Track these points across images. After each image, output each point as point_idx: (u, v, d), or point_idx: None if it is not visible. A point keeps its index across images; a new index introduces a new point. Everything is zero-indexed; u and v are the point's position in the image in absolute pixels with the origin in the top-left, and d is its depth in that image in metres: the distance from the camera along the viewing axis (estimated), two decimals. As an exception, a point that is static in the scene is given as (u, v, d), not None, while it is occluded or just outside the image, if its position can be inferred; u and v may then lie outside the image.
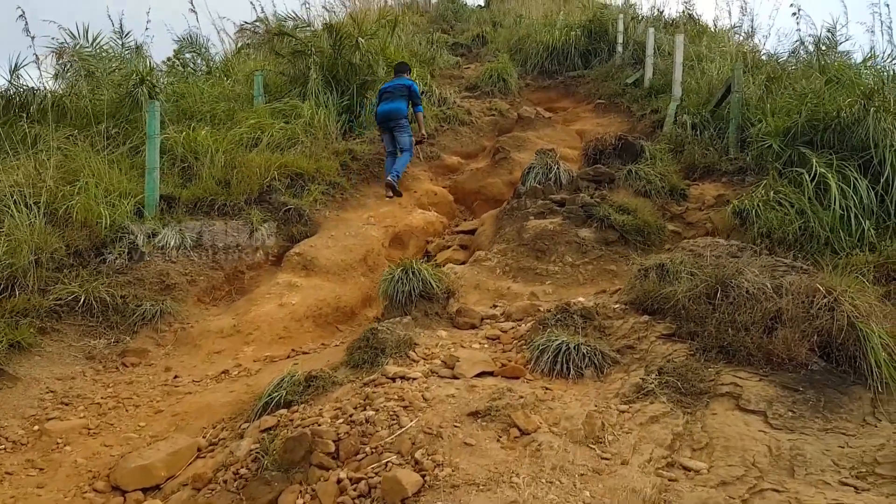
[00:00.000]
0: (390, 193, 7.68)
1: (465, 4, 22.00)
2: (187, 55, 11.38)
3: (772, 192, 5.72)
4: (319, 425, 3.03)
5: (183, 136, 7.17)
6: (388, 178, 7.62)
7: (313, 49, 8.96)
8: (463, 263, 6.50)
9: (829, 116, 6.09)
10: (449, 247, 7.19)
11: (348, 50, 9.08)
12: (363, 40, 9.09)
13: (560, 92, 14.27)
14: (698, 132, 8.39)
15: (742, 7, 11.97)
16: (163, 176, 6.89)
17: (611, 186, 6.92)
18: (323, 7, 13.97)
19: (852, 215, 5.45)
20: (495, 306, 5.16)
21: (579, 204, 6.34)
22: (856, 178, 5.60)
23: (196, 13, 9.90)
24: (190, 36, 10.84)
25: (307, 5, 10.66)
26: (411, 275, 4.65)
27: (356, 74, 9.39)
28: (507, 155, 8.99)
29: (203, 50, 11.38)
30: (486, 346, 4.20)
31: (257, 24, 11.86)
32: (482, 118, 11.04)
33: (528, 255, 6.04)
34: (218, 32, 11.64)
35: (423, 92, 10.85)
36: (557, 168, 7.17)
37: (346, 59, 9.23)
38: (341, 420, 3.03)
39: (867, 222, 5.43)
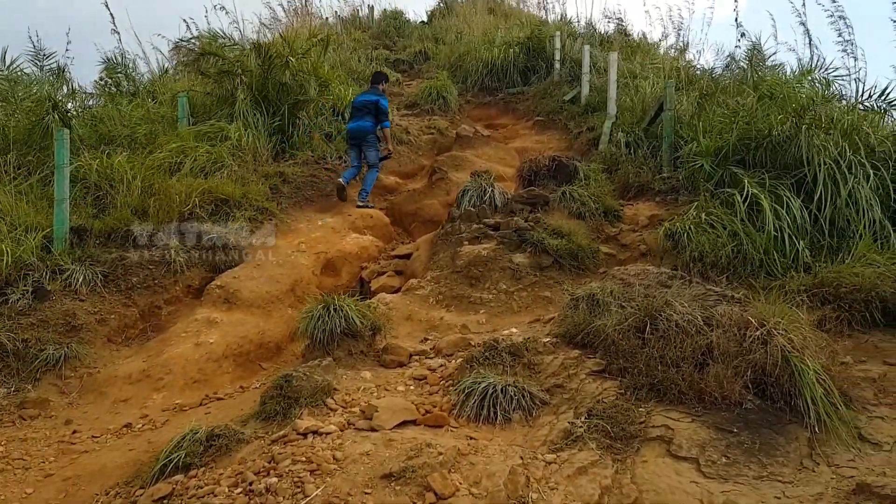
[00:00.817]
0: (338, 197, 8.10)
1: (408, 21, 21.89)
2: (119, 75, 10.88)
3: (703, 214, 5.66)
4: (215, 495, 2.73)
5: (97, 163, 6.74)
6: (340, 179, 8.12)
7: (240, 69, 8.62)
8: (398, 290, 6.28)
9: (761, 134, 6.08)
10: (384, 273, 6.94)
11: (278, 69, 8.78)
12: (293, 59, 8.79)
13: (500, 109, 14.23)
14: (632, 150, 8.37)
15: (672, 20, 12.06)
16: (75, 206, 6.47)
17: (545, 209, 6.79)
18: (261, 23, 13.52)
19: (786, 236, 5.41)
20: (426, 340, 4.93)
21: (513, 228, 6.18)
22: (789, 198, 5.56)
23: (118, 33, 9.30)
24: (115, 56, 10.34)
25: (236, 24, 10.28)
26: (333, 311, 4.38)
27: (288, 94, 9.08)
28: (444, 175, 8.81)
29: (129, 70, 10.88)
30: (411, 387, 3.96)
31: (193, 41, 11.44)
32: (421, 137, 10.87)
33: (462, 282, 5.84)
34: (144, 53, 11.14)
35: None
36: (492, 190, 7.01)
37: (276, 79, 8.92)
38: (240, 490, 2.74)
39: (801, 243, 5.39)
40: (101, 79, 10.78)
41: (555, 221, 6.53)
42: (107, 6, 8.96)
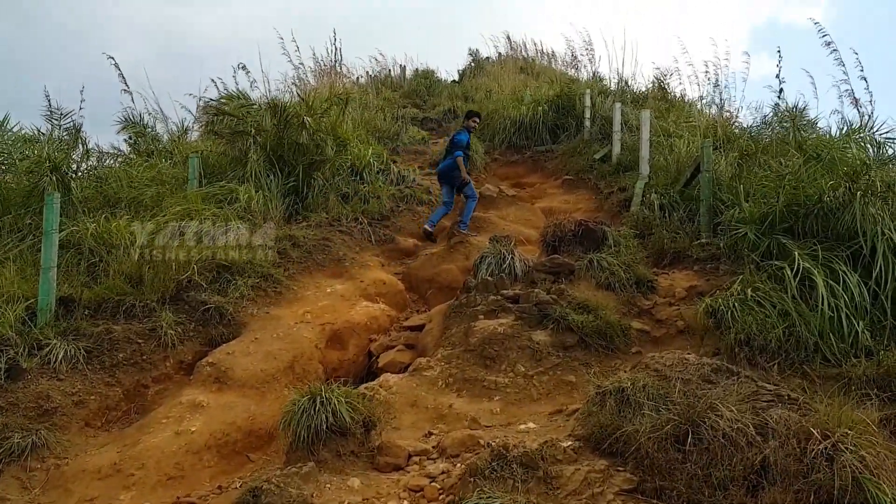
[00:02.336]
0: (427, 240, 8.71)
1: (439, 80, 21.85)
2: (137, 135, 10.72)
3: (749, 290, 5.02)
4: None
5: (92, 228, 6.39)
6: (426, 226, 8.83)
7: (254, 129, 8.33)
8: (407, 367, 5.70)
9: (811, 200, 5.47)
10: (393, 346, 6.38)
11: (294, 129, 8.46)
12: (310, 119, 8.48)
13: (528, 167, 13.80)
14: (667, 214, 7.78)
15: (707, 78, 11.58)
16: (66, 274, 6.09)
17: (570, 279, 6.20)
18: (290, 83, 13.38)
19: (843, 315, 4.75)
20: (430, 434, 4.32)
21: (533, 301, 5.60)
22: (844, 272, 4.92)
23: (130, 93, 9.12)
24: (131, 116, 10.18)
25: (258, 84, 10.09)
26: (320, 405, 3.82)
27: (303, 154, 8.76)
28: (463, 238, 8.29)
29: (148, 130, 10.73)
30: (405, 502, 3.35)
31: (213, 101, 11.28)
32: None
33: (476, 362, 5.24)
34: (162, 111, 10.87)
35: (381, 170, 10.29)
36: (512, 258, 6.46)
37: (291, 139, 8.61)
38: None
39: (860, 324, 4.72)
40: (129, 138, 10.65)
41: (580, 293, 5.94)
42: (117, 66, 8.84)
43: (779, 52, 8.08)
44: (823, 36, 7.11)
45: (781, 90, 8.63)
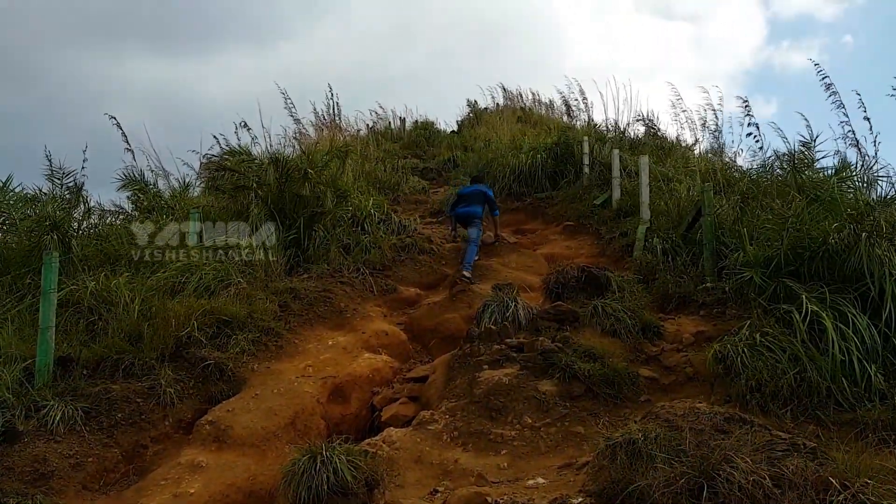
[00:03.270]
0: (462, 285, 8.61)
1: (438, 131, 22.08)
2: (138, 192, 10.76)
3: (758, 335, 4.94)
4: None
5: (92, 286, 6.35)
6: (465, 272, 8.83)
7: (255, 183, 8.37)
8: (411, 420, 5.58)
9: (816, 243, 5.43)
10: (397, 399, 6.26)
11: (295, 182, 8.50)
12: (312, 171, 8.52)
13: (529, 214, 13.81)
14: (670, 258, 7.73)
15: (704, 124, 11.67)
16: (66, 333, 6.03)
17: (575, 325, 6.12)
18: (292, 138, 13.51)
19: (854, 359, 4.67)
20: (435, 492, 4.19)
21: (538, 350, 5.51)
22: (854, 315, 4.85)
23: (132, 150, 9.20)
24: (132, 173, 10.25)
25: (258, 140, 10.17)
26: (321, 464, 3.71)
27: (304, 207, 8.78)
28: (465, 287, 8.23)
29: (150, 187, 10.78)
30: (411, 565, 3.22)
31: (225, 157, 11.35)
32: (444, 245, 10.38)
33: (481, 415, 5.13)
34: (164, 169, 10.88)
35: (381, 220, 10.31)
36: (515, 305, 6.39)
37: (292, 192, 8.64)
38: None
39: (873, 367, 4.63)
40: (131, 195, 10.69)
41: (586, 340, 5.85)
42: (118, 125, 8.94)
43: (745, 100, 8.13)
44: (823, 78, 7.17)
45: (756, 137, 8.68)
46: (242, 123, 9.41)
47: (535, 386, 5.22)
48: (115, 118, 8.89)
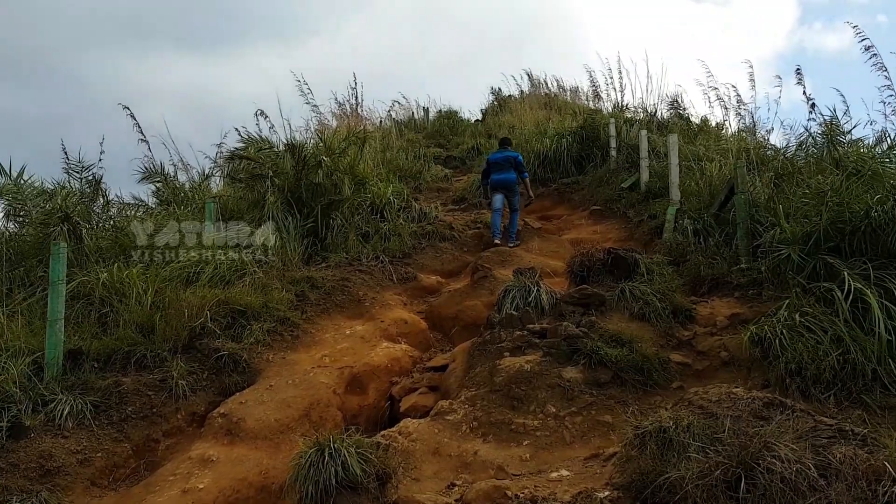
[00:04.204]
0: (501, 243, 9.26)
1: (462, 120, 21.79)
2: (159, 184, 10.67)
3: (797, 315, 4.60)
4: None
5: (104, 277, 6.22)
6: (495, 240, 9.40)
7: (270, 171, 8.19)
8: (430, 411, 5.35)
9: (857, 217, 5.06)
10: (416, 389, 6.03)
11: (312, 170, 8.31)
12: (327, 159, 8.31)
13: (555, 199, 13.48)
14: (702, 239, 7.37)
15: (736, 102, 11.19)
16: (77, 326, 5.91)
17: (601, 310, 5.82)
18: (313, 129, 13.29)
19: (901, 339, 4.32)
20: (453, 485, 3.94)
21: (562, 336, 5.22)
22: (900, 292, 4.49)
23: (147, 142, 9.06)
24: (153, 166, 10.15)
25: (279, 129, 9.85)
26: (328, 457, 3.49)
27: (322, 195, 8.59)
28: (487, 273, 7.95)
29: (170, 179, 10.68)
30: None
31: (242, 147, 11.21)
32: (466, 232, 10.14)
33: (502, 403, 4.87)
34: (183, 161, 10.70)
35: (401, 208, 10.10)
36: (538, 290, 6.11)
37: (309, 180, 8.45)
38: None
39: (922, 347, 4.28)
40: (155, 188, 10.60)
41: (613, 325, 5.55)
42: (132, 116, 8.81)
43: (798, 70, 7.68)
44: (863, 40, 6.73)
45: (813, 105, 8.24)
46: (260, 112, 9.22)
47: (559, 373, 4.94)
48: (128, 108, 8.79)
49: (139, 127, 9.05)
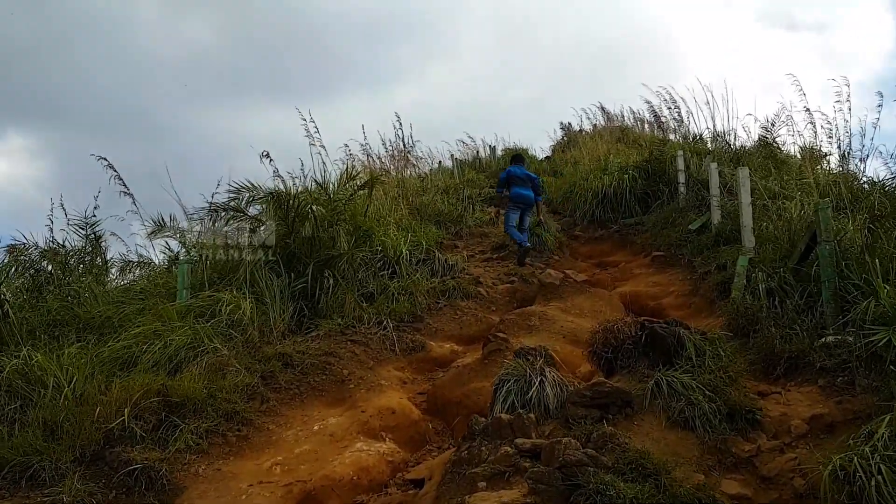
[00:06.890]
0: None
1: (530, 157, 20.42)
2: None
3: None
4: None
5: (11, 365, 5.16)
6: (525, 244, 9.69)
7: (248, 226, 7.07)
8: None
9: None
10: (386, 512, 4.60)
11: (299, 222, 7.13)
12: (317, 207, 7.12)
13: (614, 243, 11.86)
14: (776, 301, 5.67)
15: (825, 128, 9.21)
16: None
17: (626, 412, 4.25)
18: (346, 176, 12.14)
19: None
20: None
21: (558, 462, 3.66)
22: None
23: (132, 195, 8.12)
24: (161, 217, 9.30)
25: (278, 176, 8.56)
26: None
27: (319, 249, 7.38)
28: (503, 345, 6.39)
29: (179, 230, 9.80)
30: None
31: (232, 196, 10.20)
32: (496, 287, 8.67)
33: (465, 568, 3.37)
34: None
35: (421, 260, 8.79)
36: (542, 381, 4.57)
37: (301, 234, 7.28)
38: None
39: None
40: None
41: (640, 439, 3.98)
42: (112, 167, 7.91)
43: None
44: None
45: None
46: (265, 154, 8.11)
47: (547, 523, 3.40)
48: (105, 158, 7.91)
49: (120, 179, 8.12)
